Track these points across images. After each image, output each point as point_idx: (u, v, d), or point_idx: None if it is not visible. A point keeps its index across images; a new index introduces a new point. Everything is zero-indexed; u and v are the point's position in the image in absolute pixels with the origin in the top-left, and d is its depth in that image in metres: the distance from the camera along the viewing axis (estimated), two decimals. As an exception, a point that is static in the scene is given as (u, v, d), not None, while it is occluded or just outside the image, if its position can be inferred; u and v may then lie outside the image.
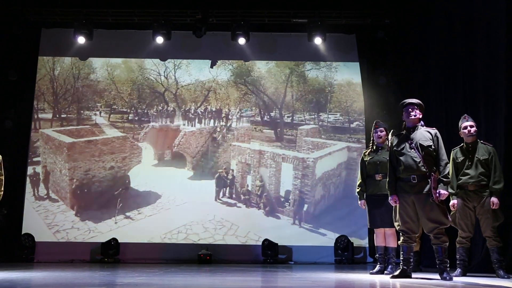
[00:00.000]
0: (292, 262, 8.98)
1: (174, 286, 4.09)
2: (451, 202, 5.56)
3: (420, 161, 4.87)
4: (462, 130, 5.63)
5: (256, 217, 9.38)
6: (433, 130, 5.01)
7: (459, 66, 7.21)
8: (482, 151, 5.55)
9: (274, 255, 8.82)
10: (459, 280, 4.91)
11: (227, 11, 9.42)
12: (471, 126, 5.57)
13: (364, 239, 9.12)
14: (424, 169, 4.85)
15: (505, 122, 6.02)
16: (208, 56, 9.99)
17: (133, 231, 9.16)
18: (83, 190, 9.44)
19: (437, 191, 4.76)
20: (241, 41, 9.41)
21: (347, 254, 8.80)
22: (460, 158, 5.64)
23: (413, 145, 4.93)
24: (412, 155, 4.91)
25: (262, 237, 9.05)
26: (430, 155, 4.89)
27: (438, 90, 7.74)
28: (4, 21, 9.35)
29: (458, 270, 5.49)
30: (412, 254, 5.01)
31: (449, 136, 6.36)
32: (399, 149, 5.02)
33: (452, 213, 5.49)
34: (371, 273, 5.80)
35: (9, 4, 9.25)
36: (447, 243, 4.84)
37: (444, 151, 4.93)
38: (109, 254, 8.74)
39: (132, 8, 9.42)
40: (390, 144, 5.32)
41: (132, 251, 8.94)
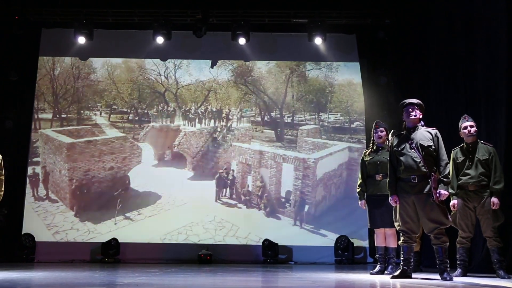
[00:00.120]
0: (292, 262, 8.97)
1: (174, 286, 4.09)
2: (452, 202, 5.56)
3: (420, 161, 4.86)
4: (462, 130, 5.63)
5: (256, 218, 9.36)
6: (433, 130, 5.01)
7: (459, 66, 7.20)
8: (483, 151, 5.55)
9: (274, 255, 8.82)
10: (459, 280, 4.91)
11: (228, 11, 9.42)
12: (471, 126, 5.57)
13: (364, 239, 9.11)
14: (425, 169, 4.85)
15: (505, 122, 6.02)
16: (208, 56, 9.98)
17: (133, 232, 9.14)
18: (83, 191, 9.41)
19: (438, 191, 4.76)
20: (242, 41, 9.40)
21: (348, 254, 8.79)
22: (460, 158, 5.64)
23: (414, 145, 4.93)
24: (413, 155, 4.91)
25: (263, 238, 9.03)
26: (430, 155, 4.89)
27: (438, 90, 7.73)
28: (5, 21, 9.34)
29: (459, 270, 5.50)
30: (412, 254, 5.01)
31: (450, 136, 6.35)
32: (399, 149, 5.01)
33: (452, 213, 5.49)
34: (371, 273, 5.80)
35: (9, 4, 9.25)
36: (448, 243, 4.84)
37: (444, 151, 4.93)
38: (109, 254, 8.73)
39: (132, 8, 9.42)
40: (390, 144, 5.32)
41: (132, 251, 8.93)
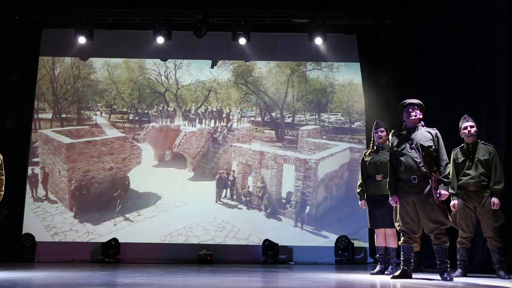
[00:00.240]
0: (293, 263, 8.97)
1: (175, 286, 4.09)
2: (452, 203, 5.56)
3: (420, 161, 4.86)
4: (462, 131, 5.63)
5: (257, 219, 9.32)
6: (434, 130, 5.00)
7: (459, 66, 7.20)
8: (483, 151, 5.54)
9: (275, 256, 8.81)
10: (459, 280, 4.91)
11: (228, 11, 9.42)
12: (471, 127, 5.57)
13: (364, 240, 9.10)
14: (425, 170, 4.84)
15: (505, 122, 6.02)
16: (208, 56, 9.98)
17: (133, 233, 9.10)
18: (82, 192, 9.37)
19: (438, 191, 4.75)
20: (242, 41, 9.40)
21: (348, 255, 8.78)
22: (461, 159, 5.64)
23: (414, 145, 4.92)
24: (413, 156, 4.91)
25: (263, 239, 9.00)
26: (430, 155, 4.89)
27: (439, 90, 7.73)
28: (5, 21, 9.34)
29: (459, 270, 5.49)
30: (412, 254, 5.01)
31: (450, 137, 6.35)
32: (399, 149, 5.01)
33: (452, 213, 5.49)
34: (372, 274, 5.80)
35: (9, 4, 9.25)
36: (448, 244, 4.83)
37: (444, 151, 4.93)
38: (109, 254, 8.72)
39: (132, 8, 9.42)
40: (390, 144, 5.31)
41: (132, 251, 8.92)
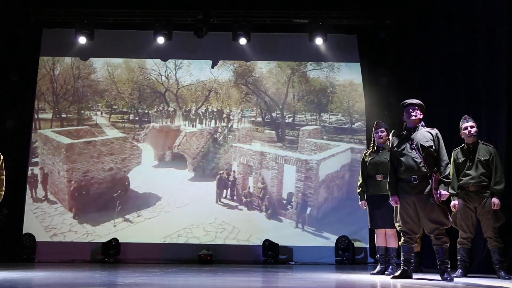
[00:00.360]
0: (293, 263, 8.96)
1: (175, 287, 4.09)
2: (452, 203, 5.56)
3: (421, 161, 4.86)
4: (462, 131, 5.63)
5: (258, 220, 9.30)
6: (434, 131, 5.00)
7: (460, 66, 7.20)
8: (483, 151, 5.54)
9: (275, 256, 8.81)
10: (460, 281, 4.91)
11: (228, 11, 9.43)
12: (471, 127, 5.57)
13: (365, 240, 9.10)
14: (425, 170, 4.84)
15: (506, 122, 6.02)
16: (209, 57, 9.98)
17: (132, 234, 9.06)
18: (82, 192, 9.32)
19: (438, 191, 4.75)
20: (242, 41, 9.40)
21: (348, 255, 8.78)
22: (461, 159, 5.63)
23: (414, 145, 4.92)
24: (413, 156, 4.90)
25: (264, 240, 8.99)
26: (431, 155, 4.89)
27: (439, 90, 7.73)
28: (6, 21, 9.34)
29: (459, 270, 5.49)
30: (413, 254, 5.01)
31: (450, 137, 6.35)
32: (399, 149, 5.01)
33: (453, 213, 5.49)
34: (372, 274, 5.79)
35: (10, 4, 9.25)
36: (448, 244, 4.83)
37: (444, 152, 4.92)
38: (109, 254, 8.72)
39: (133, 9, 9.43)
40: (390, 144, 5.31)
41: (132, 251, 8.91)
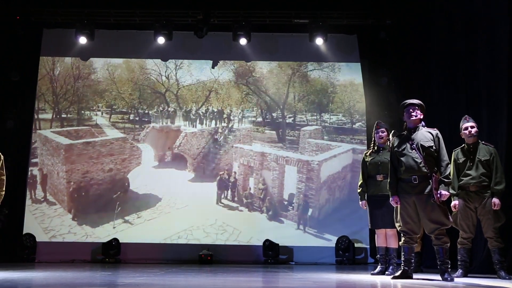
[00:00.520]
0: (293, 263, 8.95)
1: (175, 287, 4.08)
2: (453, 203, 5.56)
3: (421, 161, 4.86)
4: (463, 131, 5.63)
5: (258, 221, 9.26)
6: (434, 131, 5.00)
7: (460, 66, 7.20)
8: (483, 151, 5.54)
9: (275, 256, 8.80)
10: (460, 281, 4.91)
11: (229, 11, 9.42)
12: (471, 127, 5.57)
13: (365, 240, 9.09)
14: (425, 170, 4.84)
15: (506, 123, 6.02)
16: (209, 57, 9.96)
17: (132, 236, 9.03)
18: (81, 193, 9.27)
19: (438, 191, 4.75)
20: (243, 41, 9.39)
21: (348, 255, 8.77)
22: (461, 159, 5.63)
23: (414, 145, 4.92)
24: (413, 156, 4.90)
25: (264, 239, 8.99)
26: (431, 155, 4.88)
27: (439, 90, 7.73)
28: (6, 21, 9.34)
29: (460, 271, 5.49)
30: (413, 254, 5.01)
31: (450, 137, 6.35)
32: (400, 149, 5.01)
33: (453, 214, 5.49)
34: (372, 274, 5.79)
35: (10, 4, 9.25)
36: (448, 244, 4.83)
37: (445, 152, 4.92)
38: (110, 254, 8.71)
39: (133, 9, 9.43)
40: (391, 144, 5.31)
41: (133, 251, 8.90)
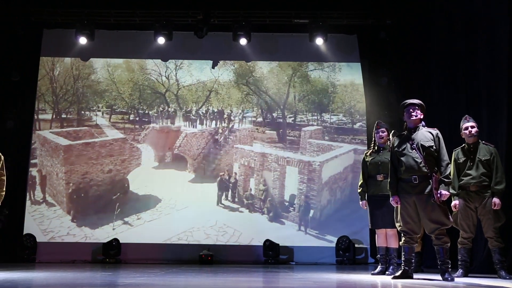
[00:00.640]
0: (294, 263, 8.95)
1: (176, 287, 4.08)
2: (453, 203, 5.56)
3: (421, 161, 4.86)
4: (463, 131, 5.63)
5: (259, 222, 9.24)
6: (434, 131, 5.00)
7: (460, 66, 7.20)
8: (484, 151, 5.54)
9: (276, 256, 8.80)
10: (460, 281, 4.91)
11: (229, 11, 9.42)
12: (472, 127, 5.57)
13: (365, 240, 9.08)
14: (426, 170, 4.84)
15: (506, 123, 6.02)
16: (209, 57, 9.96)
17: (131, 237, 9.00)
18: (80, 195, 9.23)
19: (439, 191, 4.75)
20: (243, 41, 9.39)
21: (349, 255, 8.77)
22: (462, 159, 5.64)
23: (414, 145, 4.92)
24: (413, 156, 4.90)
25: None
26: (431, 155, 4.88)
27: (439, 90, 7.73)
28: (6, 21, 9.34)
29: (460, 270, 5.49)
30: (413, 254, 5.01)
31: (450, 137, 6.35)
32: (400, 149, 5.01)
33: (453, 213, 5.49)
34: (373, 274, 5.79)
35: (11, 5, 9.26)
36: (449, 244, 4.83)
37: (445, 152, 4.92)
38: (110, 255, 8.71)
39: (133, 9, 9.43)
40: (391, 144, 5.31)
41: (133, 251, 8.90)
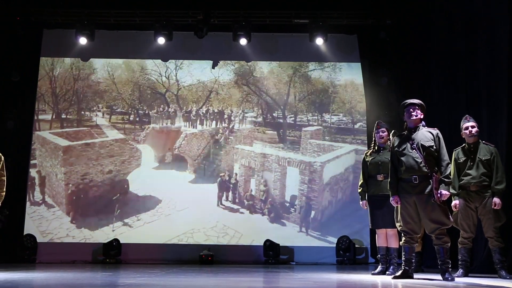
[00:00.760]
0: (294, 263, 8.95)
1: (176, 287, 4.08)
2: (453, 203, 5.56)
3: (421, 161, 4.86)
4: (463, 131, 5.63)
5: (260, 224, 9.23)
6: (435, 131, 5.00)
7: (460, 66, 7.21)
8: (484, 151, 5.54)
9: (276, 256, 8.80)
10: (461, 280, 4.91)
11: (229, 11, 9.42)
12: (472, 127, 5.57)
13: (366, 240, 9.08)
14: (426, 170, 4.84)
15: (506, 122, 6.02)
16: (209, 57, 9.96)
17: (131, 239, 8.98)
18: (80, 196, 9.20)
19: (439, 191, 4.75)
20: (243, 41, 9.39)
21: (349, 255, 8.77)
22: (462, 159, 5.64)
23: (415, 145, 4.92)
24: (414, 156, 4.90)
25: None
26: (431, 155, 4.88)
27: (440, 90, 7.73)
28: (6, 21, 9.34)
29: (460, 270, 5.49)
30: (414, 254, 5.01)
31: (451, 137, 6.35)
32: (400, 149, 5.01)
33: (454, 213, 5.49)
34: (373, 274, 5.79)
35: (11, 5, 9.25)
36: (449, 244, 4.83)
37: (445, 151, 4.92)
38: (110, 255, 8.70)
39: (133, 9, 9.43)
40: (391, 144, 5.31)
41: (133, 251, 8.89)
